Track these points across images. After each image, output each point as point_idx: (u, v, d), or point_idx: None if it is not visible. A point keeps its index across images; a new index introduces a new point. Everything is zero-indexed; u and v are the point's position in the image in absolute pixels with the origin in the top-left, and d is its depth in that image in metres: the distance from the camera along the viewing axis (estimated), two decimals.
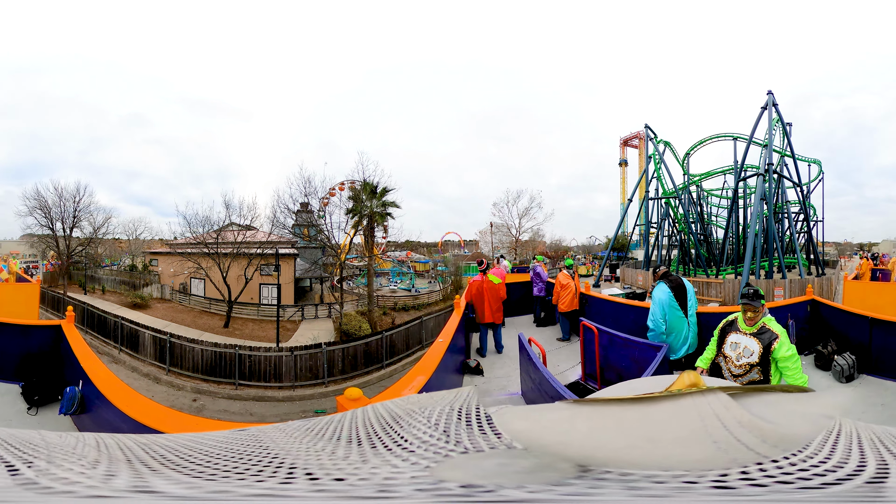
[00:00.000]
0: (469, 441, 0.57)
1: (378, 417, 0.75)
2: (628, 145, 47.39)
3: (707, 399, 0.62)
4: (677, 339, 4.96)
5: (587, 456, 0.47)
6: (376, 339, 14.33)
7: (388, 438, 0.62)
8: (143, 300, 21.06)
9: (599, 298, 8.19)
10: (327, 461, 0.54)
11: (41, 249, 24.29)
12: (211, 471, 0.51)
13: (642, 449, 0.50)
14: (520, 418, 0.67)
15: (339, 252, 21.44)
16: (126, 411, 3.05)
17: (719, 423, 0.53)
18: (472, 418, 0.67)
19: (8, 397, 5.47)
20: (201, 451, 0.62)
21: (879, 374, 5.72)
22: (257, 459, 0.56)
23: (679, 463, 0.44)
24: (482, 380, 6.08)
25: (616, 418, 0.60)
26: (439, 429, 0.64)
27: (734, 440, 0.49)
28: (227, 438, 0.72)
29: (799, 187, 20.92)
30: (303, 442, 0.66)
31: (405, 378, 3.76)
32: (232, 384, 12.68)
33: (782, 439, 0.50)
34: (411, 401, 0.85)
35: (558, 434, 0.57)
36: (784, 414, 0.61)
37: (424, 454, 0.54)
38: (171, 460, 0.55)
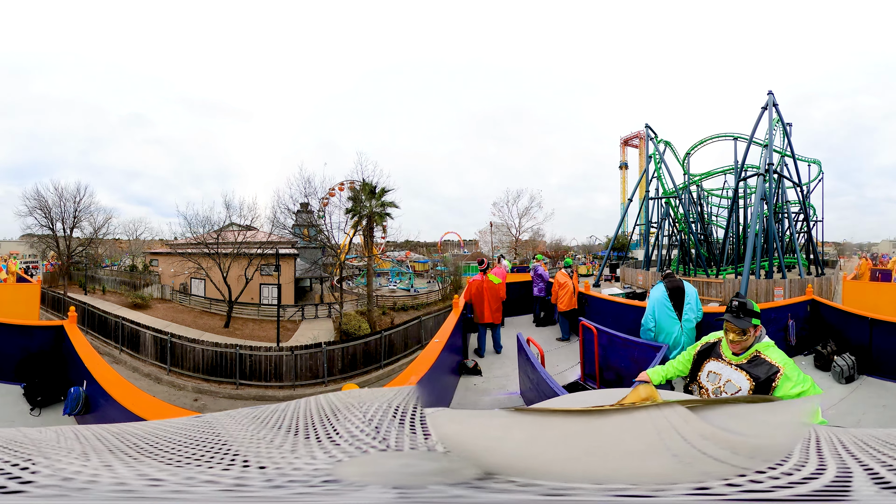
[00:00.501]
0: (396, 439, 0.57)
1: (319, 409, 0.75)
2: (629, 145, 47.37)
3: (663, 412, 0.59)
4: (667, 341, 4.97)
5: (495, 463, 0.46)
6: (375, 339, 14.36)
7: (321, 430, 0.63)
8: (144, 300, 21.08)
9: (599, 298, 8.20)
10: (263, 450, 0.55)
11: (41, 250, 24.31)
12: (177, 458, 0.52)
13: (583, 461, 0.49)
14: (454, 422, 0.67)
15: (339, 252, 21.45)
16: (134, 410, 3.07)
17: (678, 437, 0.52)
18: (407, 418, 0.67)
19: (9, 398, 5.46)
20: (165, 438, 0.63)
21: (880, 376, 5.69)
22: (210, 446, 0.57)
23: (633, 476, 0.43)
24: (480, 380, 6.08)
25: (560, 430, 0.59)
26: (372, 424, 0.64)
27: (698, 453, 0.48)
28: (185, 426, 0.73)
29: (799, 187, 20.92)
30: (248, 430, 0.67)
31: (399, 378, 3.76)
32: (233, 384, 12.70)
33: (757, 450, 0.48)
34: (353, 395, 0.86)
35: (487, 440, 0.56)
36: (754, 425, 0.59)
37: (347, 448, 0.54)
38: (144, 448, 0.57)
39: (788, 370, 2.25)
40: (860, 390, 5.50)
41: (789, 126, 20.54)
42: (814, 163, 25.30)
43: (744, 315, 2.40)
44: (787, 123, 20.43)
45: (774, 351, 2.37)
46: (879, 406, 5.05)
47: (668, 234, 24.28)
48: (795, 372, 2.24)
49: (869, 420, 4.70)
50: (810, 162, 25.12)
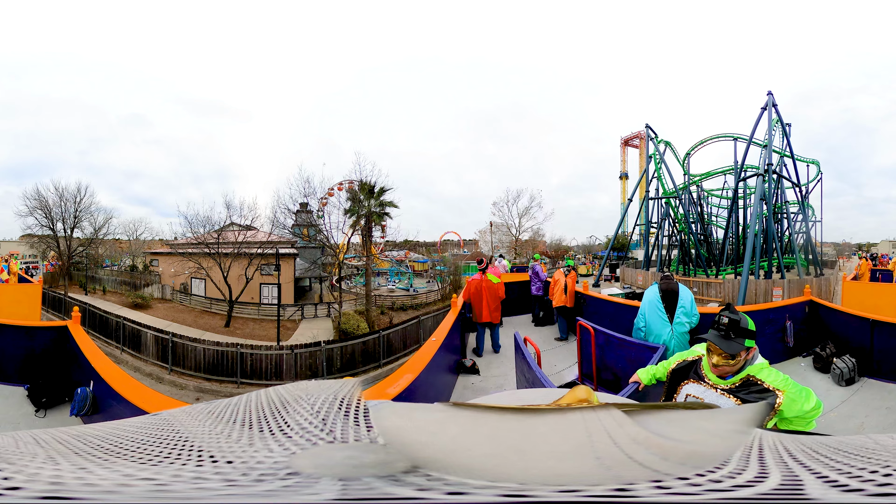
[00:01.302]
0: (341, 431, 0.58)
1: (269, 402, 0.75)
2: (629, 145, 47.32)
3: (598, 415, 0.59)
4: (657, 342, 4.95)
5: (422, 457, 0.47)
6: (374, 338, 14.40)
7: (273, 423, 0.64)
8: (145, 300, 21.11)
9: (597, 298, 8.22)
10: (224, 444, 0.56)
11: (41, 250, 24.31)
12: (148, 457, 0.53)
13: (503, 458, 0.48)
14: (396, 415, 0.67)
15: (338, 252, 21.48)
16: (145, 408, 3.09)
17: (608, 440, 0.51)
18: (351, 410, 0.67)
19: (13, 400, 5.41)
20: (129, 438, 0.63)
21: (882, 378, 5.59)
22: (174, 444, 0.58)
23: (546, 477, 0.42)
24: (478, 379, 6.11)
25: (491, 426, 0.58)
26: (319, 416, 0.65)
27: (623, 456, 0.47)
28: (144, 424, 0.74)
29: (798, 187, 20.94)
30: (205, 425, 0.67)
31: (391, 377, 3.77)
32: (234, 382, 12.74)
33: (691, 456, 0.48)
34: (300, 387, 0.86)
35: (424, 434, 0.56)
36: (692, 431, 0.59)
37: (299, 441, 0.55)
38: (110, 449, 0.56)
39: (791, 392, 1.88)
40: (861, 393, 5.41)
41: (788, 126, 20.56)
42: (812, 163, 25.31)
43: (735, 335, 1.91)
44: (787, 124, 20.44)
45: (770, 373, 1.95)
46: (883, 409, 4.94)
47: (668, 235, 24.29)
48: (797, 390, 1.90)
49: (872, 423, 4.62)
50: (809, 162, 25.12)
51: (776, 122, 19.43)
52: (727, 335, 1.92)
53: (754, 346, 1.97)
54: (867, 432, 4.37)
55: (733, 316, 1.94)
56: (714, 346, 1.95)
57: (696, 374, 2.10)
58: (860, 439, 0.66)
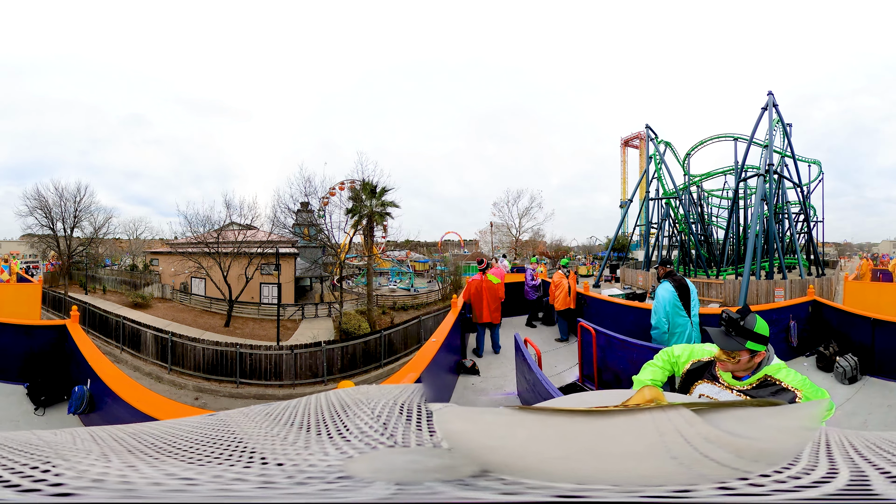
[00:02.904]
0: (402, 435, 0.58)
1: (329, 405, 0.76)
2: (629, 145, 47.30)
3: (667, 415, 0.59)
4: (680, 339, 4.92)
5: (493, 461, 0.46)
6: (375, 338, 14.38)
7: (332, 426, 0.63)
8: (145, 300, 21.10)
9: (599, 299, 8.20)
10: (278, 446, 0.56)
11: (41, 249, 24.32)
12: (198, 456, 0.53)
13: (576, 460, 0.48)
14: (459, 419, 0.66)
15: (339, 251, 21.47)
16: (139, 407, 3.09)
17: (681, 439, 0.51)
18: (413, 414, 0.67)
19: (13, 398, 5.46)
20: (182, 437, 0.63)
21: (883, 376, 5.66)
22: (227, 444, 0.58)
23: (627, 478, 0.42)
24: (478, 379, 6.09)
25: (560, 429, 0.58)
26: (380, 421, 0.65)
27: (699, 455, 0.47)
28: (200, 424, 0.74)
29: (799, 188, 20.92)
30: (262, 427, 0.68)
31: (393, 378, 3.77)
32: (233, 382, 12.72)
33: (763, 454, 0.48)
34: (361, 391, 0.87)
35: (492, 438, 0.56)
36: (761, 428, 0.58)
37: (357, 444, 0.55)
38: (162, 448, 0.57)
39: (807, 392, 1.89)
40: (864, 391, 5.47)
41: (789, 126, 20.54)
42: (814, 163, 25.29)
43: (737, 334, 1.89)
44: (788, 124, 20.43)
45: (788, 373, 1.95)
46: (885, 406, 5.02)
47: (669, 235, 24.29)
48: (813, 390, 1.93)
49: (875, 421, 4.68)
50: (810, 162, 25.10)
51: (777, 122, 19.42)
52: (727, 332, 1.92)
53: (762, 352, 1.92)
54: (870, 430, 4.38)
55: (732, 314, 1.92)
56: (723, 348, 1.93)
57: (710, 375, 2.07)
58: None
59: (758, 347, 1.89)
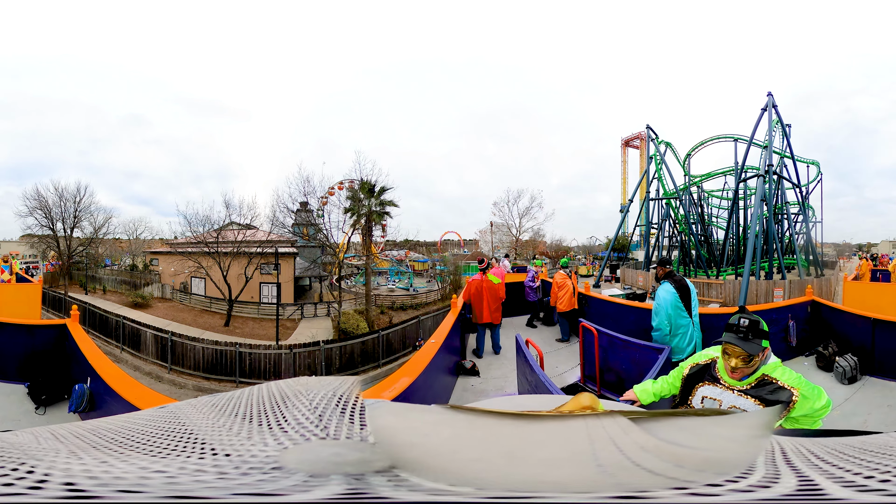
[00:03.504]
0: (335, 428, 0.58)
1: (270, 396, 0.76)
2: (629, 146, 47.31)
3: (602, 422, 0.57)
4: (682, 340, 4.91)
5: (404, 458, 0.46)
6: (373, 338, 14.39)
7: (272, 417, 0.64)
8: (144, 299, 21.09)
9: (599, 299, 8.20)
10: (225, 437, 0.56)
11: (41, 250, 24.29)
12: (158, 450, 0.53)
13: (490, 463, 0.47)
14: (391, 414, 0.67)
15: (338, 251, 21.46)
16: (139, 405, 3.10)
17: (613, 447, 0.50)
18: (348, 407, 0.67)
19: (14, 397, 5.47)
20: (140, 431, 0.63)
21: (883, 376, 5.67)
22: (181, 436, 0.58)
23: (535, 484, 0.42)
24: (478, 380, 6.08)
25: (486, 431, 0.57)
26: (316, 413, 0.65)
27: (628, 464, 0.46)
28: (153, 417, 0.74)
29: (798, 188, 20.95)
30: (209, 418, 0.68)
31: (389, 379, 3.76)
32: (233, 382, 12.73)
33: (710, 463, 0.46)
34: (301, 382, 0.86)
35: (415, 435, 0.56)
36: (706, 437, 0.57)
37: (294, 435, 0.55)
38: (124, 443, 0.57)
39: (804, 390, 1.96)
40: (863, 391, 5.49)
41: (788, 127, 20.56)
42: (812, 164, 25.30)
43: (754, 337, 1.94)
44: (787, 124, 20.44)
45: (784, 371, 2.02)
46: (884, 406, 5.03)
47: (669, 235, 24.29)
48: (809, 388, 1.99)
49: (875, 420, 4.70)
50: (809, 163, 25.11)
51: (776, 122, 19.44)
52: (746, 336, 1.95)
53: (768, 347, 2.01)
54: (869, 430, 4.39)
55: (751, 317, 1.98)
56: (733, 348, 1.97)
57: (710, 377, 2.11)
58: (883, 438, 0.65)
59: (766, 343, 1.99)
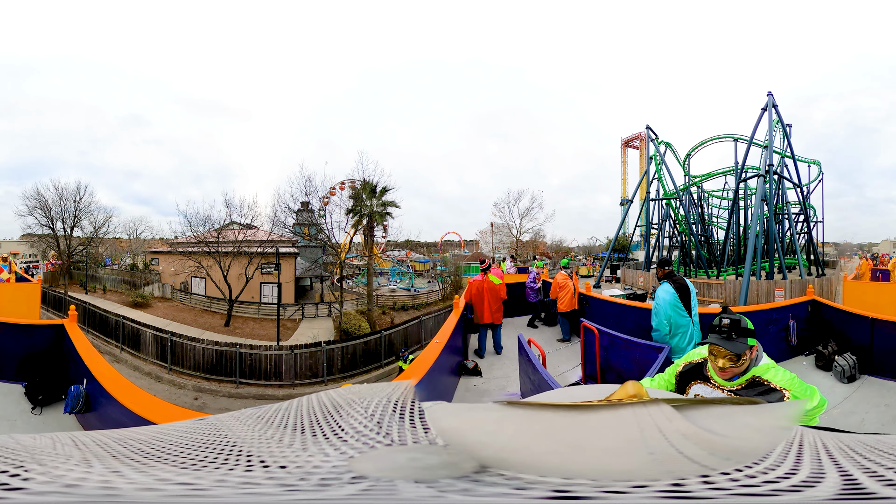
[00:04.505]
0: (398, 434, 0.58)
1: (321, 406, 0.75)
2: (630, 146, 47.31)
3: (649, 410, 0.60)
4: (683, 339, 4.90)
5: (489, 456, 0.47)
6: (375, 338, 14.38)
7: (327, 427, 0.63)
8: (145, 299, 21.08)
9: (600, 299, 8.20)
10: (276, 449, 0.55)
11: (41, 249, 24.32)
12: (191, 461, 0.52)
13: (562, 455, 0.49)
14: (451, 415, 0.67)
15: (339, 251, 21.46)
16: (132, 408, 3.08)
17: (659, 434, 0.52)
18: (406, 412, 0.67)
19: (11, 397, 5.47)
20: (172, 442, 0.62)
21: (881, 375, 5.69)
22: (220, 448, 0.57)
23: (604, 472, 0.43)
24: (480, 381, 6.08)
25: (546, 423, 0.59)
26: (374, 420, 0.64)
27: (673, 451, 0.48)
28: (190, 429, 0.73)
29: (799, 188, 20.94)
30: (255, 430, 0.67)
31: (395, 380, 3.76)
32: (233, 382, 12.71)
33: (735, 451, 0.48)
34: (353, 391, 0.86)
35: (482, 434, 0.56)
36: (737, 426, 0.59)
37: (355, 444, 0.55)
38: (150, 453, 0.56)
39: (796, 390, 1.93)
40: (862, 390, 5.51)
41: (789, 127, 20.55)
42: (813, 163, 25.29)
43: (737, 336, 1.95)
44: (787, 124, 20.44)
45: (776, 372, 1.98)
46: (882, 405, 5.06)
47: (669, 236, 24.28)
48: (802, 388, 1.97)
49: (872, 420, 4.72)
50: (810, 163, 25.11)
51: (776, 122, 19.43)
52: (729, 336, 1.96)
53: (756, 344, 2.01)
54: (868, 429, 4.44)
55: (733, 316, 1.99)
56: (717, 349, 1.97)
57: (702, 377, 2.13)
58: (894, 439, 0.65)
59: (752, 341, 1.99)
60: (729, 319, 1.97)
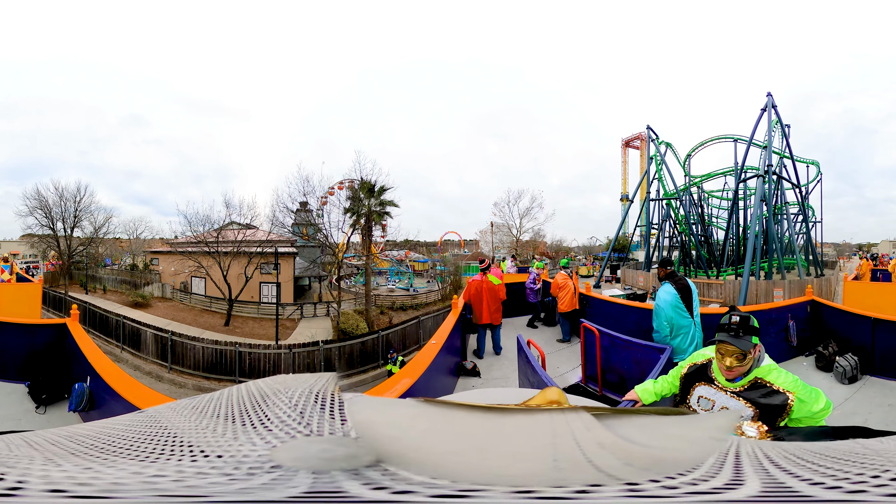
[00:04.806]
0: (318, 425, 0.58)
1: (250, 395, 0.75)
2: (630, 146, 47.31)
3: (567, 417, 0.58)
4: (684, 340, 4.87)
5: (389, 452, 0.47)
6: (373, 338, 14.38)
7: (255, 416, 0.63)
8: (145, 299, 21.08)
9: (600, 300, 8.20)
10: (211, 439, 0.55)
11: (42, 249, 24.28)
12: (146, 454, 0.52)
13: (461, 456, 0.48)
14: (368, 408, 0.67)
15: (338, 251, 21.45)
16: (138, 405, 3.10)
17: (573, 443, 0.50)
18: (327, 403, 0.67)
19: (15, 397, 5.47)
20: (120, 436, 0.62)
21: (883, 375, 5.68)
22: (164, 440, 0.57)
23: (499, 477, 0.42)
24: (479, 381, 6.08)
25: (460, 424, 0.58)
26: (297, 410, 0.65)
27: (581, 460, 0.46)
28: (132, 422, 0.73)
29: (798, 188, 20.96)
30: (191, 420, 0.67)
31: (389, 381, 3.75)
32: (233, 381, 12.71)
33: (656, 462, 0.46)
34: (278, 380, 0.86)
35: (394, 429, 0.56)
36: (663, 437, 0.57)
37: (279, 434, 0.55)
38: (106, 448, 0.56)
39: (801, 393, 1.92)
40: (864, 390, 5.50)
41: (788, 127, 20.57)
42: (812, 164, 25.31)
43: (744, 333, 1.98)
44: (786, 125, 20.45)
45: (779, 374, 1.98)
46: (885, 405, 5.04)
47: (669, 236, 24.29)
48: (806, 392, 1.95)
49: (874, 420, 4.69)
50: (809, 163, 25.13)
51: (776, 123, 19.45)
52: (737, 334, 1.99)
53: (759, 344, 2.03)
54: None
55: (741, 314, 2.03)
56: (727, 346, 1.99)
57: (706, 378, 2.15)
58: (848, 444, 0.65)
59: (756, 339, 2.02)
60: (738, 317, 2.01)
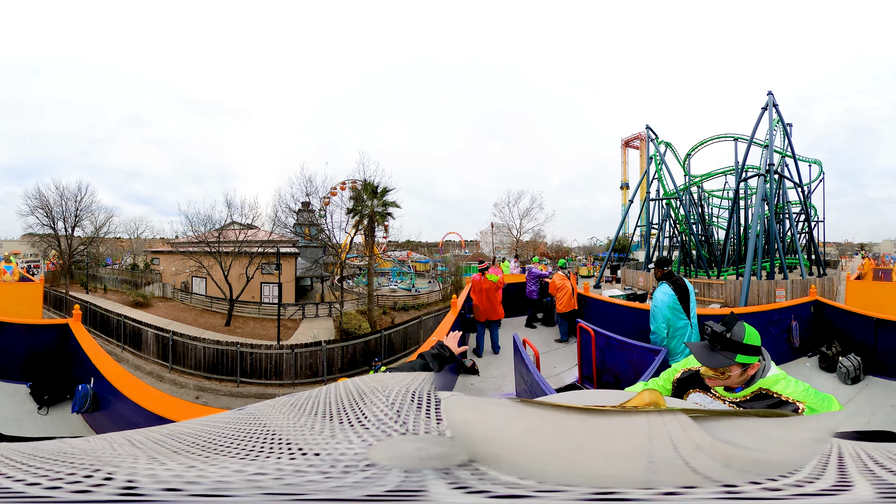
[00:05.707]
0: (413, 423, 0.58)
1: (348, 394, 0.76)
2: (629, 146, 47.25)
3: (664, 419, 0.57)
4: (681, 342, 4.85)
5: (482, 452, 0.47)
6: (375, 338, 14.40)
7: (352, 414, 0.64)
8: (145, 299, 21.13)
9: (599, 300, 8.19)
10: (309, 437, 0.56)
11: (43, 249, 24.37)
12: (246, 452, 0.52)
13: (556, 457, 0.48)
14: (465, 408, 0.66)
15: (340, 251, 21.47)
16: (143, 405, 3.10)
17: (670, 444, 0.49)
18: (423, 402, 0.67)
19: (17, 398, 5.44)
20: (221, 434, 0.63)
21: (886, 375, 5.64)
22: (264, 438, 0.58)
23: (593, 478, 0.42)
24: (478, 379, 6.09)
25: (556, 424, 0.58)
26: (394, 408, 0.65)
27: (677, 462, 0.45)
28: (233, 419, 0.73)
29: (800, 188, 20.89)
30: (289, 418, 0.68)
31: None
32: (234, 381, 12.74)
33: (756, 464, 0.46)
34: (376, 379, 0.87)
35: (490, 429, 0.56)
36: (761, 438, 0.55)
37: (376, 432, 0.55)
38: (207, 447, 0.56)
39: (812, 402, 1.70)
40: (867, 391, 5.45)
41: (789, 126, 20.52)
42: (814, 163, 25.25)
43: (723, 348, 1.68)
44: (788, 124, 20.40)
45: (787, 384, 1.73)
46: (888, 406, 5.00)
47: (669, 236, 24.24)
48: (818, 399, 1.73)
49: (878, 420, 4.67)
50: (811, 162, 25.06)
51: (777, 122, 19.40)
52: (711, 346, 1.72)
53: (756, 363, 1.71)
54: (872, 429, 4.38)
55: (716, 327, 1.72)
56: (707, 362, 1.73)
57: (702, 384, 1.96)
58: None
59: (749, 360, 1.68)
60: (710, 329, 1.71)
